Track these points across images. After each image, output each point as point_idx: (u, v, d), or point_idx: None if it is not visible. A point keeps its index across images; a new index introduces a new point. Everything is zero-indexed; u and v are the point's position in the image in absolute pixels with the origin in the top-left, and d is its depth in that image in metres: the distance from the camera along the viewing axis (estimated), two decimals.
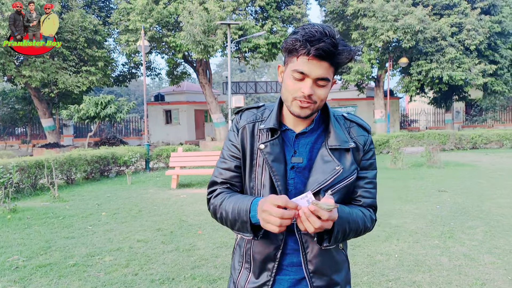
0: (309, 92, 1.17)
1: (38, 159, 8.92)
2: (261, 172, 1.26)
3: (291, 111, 1.23)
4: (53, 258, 4.24)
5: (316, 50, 1.13)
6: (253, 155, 1.29)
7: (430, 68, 20.90)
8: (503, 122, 29.76)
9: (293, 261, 1.26)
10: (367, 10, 20.17)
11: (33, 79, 17.71)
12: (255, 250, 1.27)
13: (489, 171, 10.20)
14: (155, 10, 18.54)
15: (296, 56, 1.17)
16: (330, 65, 1.18)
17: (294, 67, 1.18)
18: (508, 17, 21.91)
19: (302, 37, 1.14)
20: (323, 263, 1.24)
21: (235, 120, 1.37)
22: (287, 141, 1.28)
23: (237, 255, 1.35)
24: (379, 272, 3.70)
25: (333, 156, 1.23)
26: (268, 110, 1.34)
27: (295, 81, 1.19)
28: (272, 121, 1.28)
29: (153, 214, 6.37)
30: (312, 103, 1.20)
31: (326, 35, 1.14)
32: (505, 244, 4.38)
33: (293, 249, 1.25)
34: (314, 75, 1.17)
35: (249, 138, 1.30)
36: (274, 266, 1.25)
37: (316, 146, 1.28)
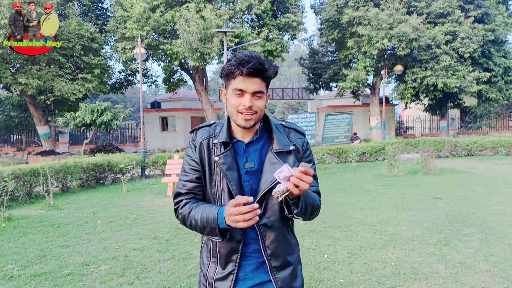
0: (249, 104, 1.43)
1: (33, 167, 8.87)
2: (220, 180, 1.49)
3: (238, 124, 1.47)
4: (48, 267, 4.21)
5: (247, 69, 1.41)
6: (211, 166, 1.51)
7: (425, 75, 21.06)
8: (497, 129, 29.96)
9: (255, 248, 1.49)
10: (362, 18, 20.35)
11: (29, 86, 17.67)
12: (220, 246, 1.49)
13: (484, 178, 10.25)
14: (152, 18, 18.60)
15: (233, 78, 1.45)
16: (262, 80, 1.45)
17: (234, 86, 1.45)
18: (501, 26, 22.18)
19: (235, 62, 1.43)
20: (279, 247, 1.50)
21: (192, 138, 1.59)
22: (238, 151, 1.52)
23: (205, 251, 1.57)
24: (376, 281, 3.69)
25: (278, 158, 1.48)
26: (219, 126, 1.57)
27: (236, 98, 1.45)
28: (224, 135, 1.51)
29: (149, 222, 6.34)
30: (253, 114, 1.45)
31: (253, 57, 1.42)
32: (500, 251, 4.40)
33: (253, 238, 1.49)
34: (250, 90, 1.44)
35: (206, 152, 1.52)
36: (237, 256, 1.48)
37: (264, 151, 1.53)
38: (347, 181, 10.43)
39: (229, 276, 1.48)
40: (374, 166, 14.02)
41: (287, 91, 35.54)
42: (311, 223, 5.80)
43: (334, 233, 5.32)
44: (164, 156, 13.01)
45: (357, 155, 15.45)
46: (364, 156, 16.14)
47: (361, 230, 5.45)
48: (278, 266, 1.50)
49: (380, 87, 23.89)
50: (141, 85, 16.56)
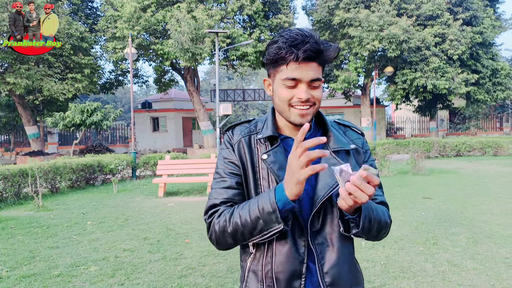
0: (306, 96, 1.14)
1: (21, 167, 8.78)
2: (268, 185, 1.18)
3: (291, 120, 1.19)
4: (37, 269, 4.17)
5: (304, 52, 1.11)
6: (255, 168, 1.21)
7: (414, 77, 21.31)
8: (485, 130, 30.41)
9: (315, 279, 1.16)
10: (353, 20, 20.51)
11: (17, 86, 17.45)
12: (278, 270, 1.15)
13: (472, 178, 10.40)
14: (143, 18, 18.52)
15: (285, 64, 1.14)
16: (319, 64, 1.17)
17: (285, 75, 1.14)
18: (489, 28, 22.53)
19: (285, 44, 1.12)
20: (341, 274, 1.16)
21: (227, 137, 1.29)
22: (288, 149, 1.19)
23: (254, 282, 1.19)
24: (365, 279, 3.71)
25: (338, 159, 1.20)
26: (261, 122, 1.29)
27: (288, 89, 1.16)
28: (270, 129, 1.22)
29: (139, 222, 6.31)
30: (311, 106, 1.18)
31: (307, 36, 1.13)
32: (487, 250, 4.48)
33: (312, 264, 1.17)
34: (307, 78, 1.14)
35: (247, 151, 1.23)
36: (301, 283, 1.14)
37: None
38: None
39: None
40: None
41: None
42: None
43: None
44: (155, 156, 12.96)
45: None
46: None
47: None
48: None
49: (371, 88, 24.10)
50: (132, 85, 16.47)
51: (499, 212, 6.32)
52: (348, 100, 26.12)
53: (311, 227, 1.15)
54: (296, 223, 1.14)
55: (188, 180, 9.81)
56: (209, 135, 22.11)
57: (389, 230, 1.26)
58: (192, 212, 7.01)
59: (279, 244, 1.15)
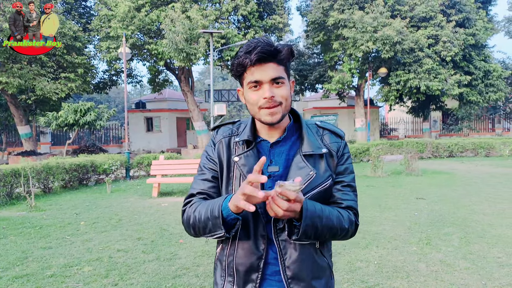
0: (269, 94, 1.22)
1: (14, 167, 8.70)
2: (239, 184, 1.28)
3: (263, 120, 1.27)
4: (30, 269, 4.14)
5: (256, 54, 1.21)
6: (230, 167, 1.32)
7: (408, 78, 21.45)
8: (478, 131, 30.69)
9: (275, 270, 1.26)
10: (348, 21, 20.61)
11: (9, 85, 17.29)
12: (238, 262, 1.27)
13: (464, 178, 10.48)
14: (137, 18, 18.44)
15: (245, 71, 1.26)
16: (277, 64, 1.25)
17: (248, 80, 1.25)
18: (481, 30, 22.75)
19: (242, 52, 1.24)
20: (302, 269, 1.24)
21: (212, 135, 1.43)
22: (262, 152, 1.31)
23: (219, 270, 1.34)
24: (359, 279, 3.76)
25: (307, 162, 1.26)
26: (243, 124, 1.40)
27: (255, 92, 1.26)
28: (246, 133, 1.33)
29: (133, 223, 6.29)
30: (278, 105, 1.24)
31: (260, 41, 1.23)
32: (479, 250, 4.52)
33: (274, 258, 1.26)
34: (267, 78, 1.23)
35: (225, 151, 1.35)
36: (258, 276, 1.26)
37: (291, 153, 1.31)
38: None
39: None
40: (358, 167, 14.19)
41: None
42: None
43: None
44: (149, 157, 12.90)
45: None
46: None
47: None
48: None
49: (365, 89, 24.22)
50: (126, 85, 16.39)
51: (491, 213, 6.39)
52: (342, 101, 26.22)
53: (275, 225, 1.24)
54: (260, 222, 1.24)
55: (182, 181, 9.78)
56: (203, 135, 22.07)
57: (351, 233, 1.31)
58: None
59: (242, 240, 1.27)
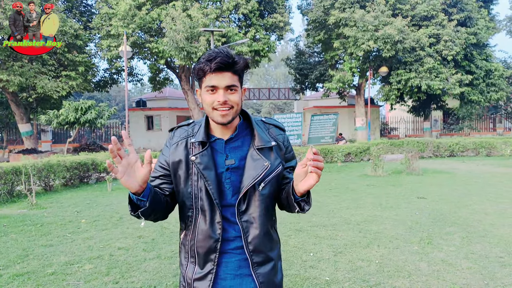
0: (223, 99, 1.42)
1: (15, 165, 8.70)
2: (197, 179, 1.47)
3: (215, 120, 1.46)
4: (31, 267, 4.14)
5: (215, 64, 1.40)
6: (188, 165, 1.49)
7: (409, 77, 21.40)
8: (478, 130, 30.64)
9: (237, 245, 1.48)
10: (349, 20, 20.56)
11: (10, 83, 17.29)
12: (198, 245, 1.47)
13: (465, 178, 10.47)
14: (138, 16, 18.41)
15: (204, 76, 1.44)
16: (233, 73, 1.44)
17: (206, 84, 1.44)
18: (483, 29, 22.68)
19: (203, 59, 1.43)
20: (261, 243, 1.48)
21: (169, 137, 1.58)
22: (218, 149, 1.51)
23: (183, 252, 1.55)
24: (360, 278, 3.75)
25: (260, 155, 1.48)
26: (198, 125, 1.56)
27: (210, 95, 1.44)
28: (201, 135, 1.50)
29: (134, 221, 6.28)
30: (230, 109, 1.44)
31: (220, 52, 1.41)
32: (481, 249, 4.51)
33: (235, 236, 1.48)
34: (222, 85, 1.42)
35: (183, 152, 1.50)
36: (216, 256, 1.46)
37: (244, 148, 1.52)
38: (332, 181, 10.52)
39: (208, 276, 1.46)
40: (359, 166, 14.18)
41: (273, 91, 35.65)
42: (297, 222, 5.84)
43: (319, 232, 5.37)
44: None
45: (342, 155, 15.60)
46: (349, 157, 16.30)
47: (346, 229, 5.51)
48: (259, 261, 1.49)
49: (366, 88, 24.18)
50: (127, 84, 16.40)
51: (492, 212, 6.37)
52: (342, 100, 26.18)
53: (238, 208, 1.46)
54: (215, 210, 1.45)
55: None
56: None
57: None
58: None
59: (201, 226, 1.47)
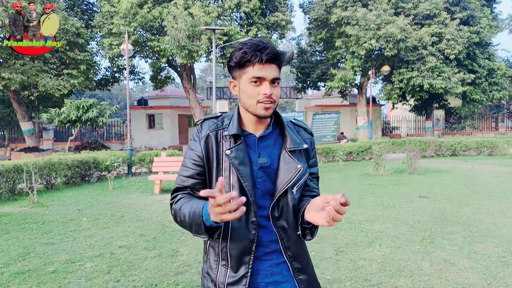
0: (270, 92, 1.35)
1: (16, 163, 8.70)
2: (229, 175, 1.38)
3: (257, 114, 1.37)
4: (32, 265, 4.13)
5: (267, 55, 1.33)
6: (219, 160, 1.40)
7: (411, 76, 21.33)
8: (481, 130, 30.55)
9: (268, 251, 1.40)
10: (351, 18, 20.50)
11: (12, 81, 17.30)
12: (231, 247, 1.38)
13: (468, 177, 10.43)
14: (139, 14, 18.39)
15: (251, 65, 1.35)
16: (277, 66, 1.39)
17: (251, 75, 1.35)
18: (485, 28, 22.59)
19: (250, 49, 1.33)
20: (298, 250, 1.45)
21: (196, 130, 1.48)
22: (250, 144, 1.42)
23: (212, 255, 1.45)
24: (362, 277, 3.73)
25: (293, 157, 1.42)
26: (227, 118, 1.47)
27: (255, 87, 1.36)
28: (235, 127, 1.41)
29: (135, 219, 6.28)
30: (273, 103, 1.37)
31: (267, 43, 1.36)
32: (483, 249, 4.49)
33: (268, 241, 1.40)
34: (269, 77, 1.36)
35: (214, 145, 1.42)
36: (250, 258, 1.38)
37: (276, 148, 1.45)
38: (334, 180, 10.50)
39: (242, 280, 1.37)
40: (360, 165, 14.15)
41: None
42: None
43: (320, 231, 5.31)
44: (151, 154, 12.90)
45: (344, 154, 15.57)
46: (351, 156, 16.28)
47: (347, 228, 5.49)
48: (299, 268, 1.44)
49: (367, 87, 24.12)
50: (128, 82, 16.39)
51: (495, 211, 6.35)
52: (344, 99, 26.12)
53: (272, 213, 1.39)
54: (251, 210, 1.36)
55: None
56: None
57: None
58: None
59: (234, 227, 1.37)
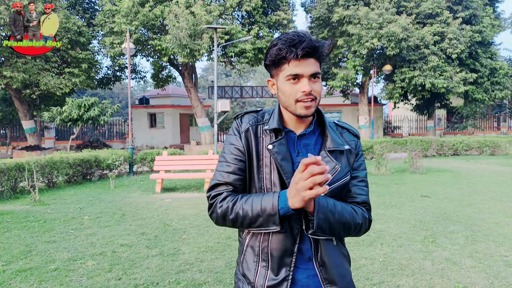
0: (309, 89, 1.26)
1: (18, 162, 8.72)
2: (269, 172, 1.31)
3: (297, 113, 1.30)
4: (34, 263, 4.14)
5: (302, 50, 1.24)
6: (259, 156, 1.34)
7: (413, 75, 21.30)
8: (482, 129, 30.47)
9: (305, 259, 1.31)
10: (352, 17, 20.47)
11: (14, 80, 17.33)
12: (273, 247, 1.30)
13: (469, 177, 10.41)
14: (141, 13, 18.39)
15: (287, 62, 1.27)
16: (316, 60, 1.29)
17: (288, 73, 1.27)
18: (488, 27, 22.53)
19: (284, 45, 1.25)
20: (331, 258, 1.31)
21: (236, 124, 1.41)
22: (290, 142, 1.35)
23: (251, 255, 1.35)
24: (364, 276, 3.72)
25: (331, 157, 1.33)
26: (267, 114, 1.41)
27: (292, 85, 1.28)
28: (276, 122, 1.34)
29: (137, 218, 6.28)
30: (314, 100, 1.29)
31: (303, 35, 1.26)
32: (485, 248, 4.47)
33: (304, 247, 1.31)
34: (307, 73, 1.27)
35: (253, 139, 1.35)
36: (292, 260, 1.30)
37: (316, 147, 1.37)
38: None
39: (283, 283, 1.28)
40: None
41: None
42: None
43: None
44: (153, 152, 12.90)
45: None
46: None
47: None
48: (329, 279, 1.31)
49: (369, 86, 24.09)
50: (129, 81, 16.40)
51: (497, 211, 6.33)
52: (346, 98, 26.10)
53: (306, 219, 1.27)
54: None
55: (186, 176, 9.77)
56: (206, 132, 22.05)
57: (364, 229, 1.37)
58: (190, 208, 6.98)
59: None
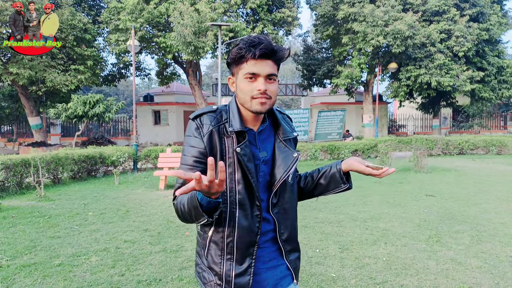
0: (264, 88, 1.35)
1: (24, 158, 8.76)
2: (233, 172, 1.38)
3: (253, 109, 1.38)
4: (38, 258, 4.16)
5: (260, 50, 1.33)
6: (223, 157, 1.38)
7: (419, 73, 21.14)
8: (489, 128, 30.24)
9: (268, 238, 1.46)
10: (358, 14, 20.34)
11: (20, 76, 17.41)
12: (238, 241, 1.39)
13: (475, 176, 10.33)
14: (146, 10, 18.41)
15: (245, 61, 1.36)
16: (274, 62, 1.39)
17: (246, 71, 1.36)
18: (495, 25, 22.31)
19: (245, 45, 1.35)
20: (290, 233, 1.50)
21: (195, 125, 1.41)
22: (251, 140, 1.43)
23: (215, 250, 1.42)
24: (367, 275, 3.70)
25: (288, 146, 1.47)
26: (225, 112, 1.44)
27: (249, 83, 1.37)
28: (238, 123, 1.39)
29: (140, 214, 6.30)
30: (268, 99, 1.37)
31: (263, 39, 1.36)
32: (491, 248, 4.44)
33: (266, 230, 1.44)
34: (264, 73, 1.36)
35: (218, 141, 1.39)
36: (254, 249, 1.41)
37: (271, 139, 1.48)
38: None
39: (248, 270, 1.41)
40: None
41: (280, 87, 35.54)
42: (303, 218, 5.81)
43: (325, 228, 5.33)
44: (157, 149, 12.92)
45: (349, 152, 15.50)
46: (356, 153, 16.19)
47: (352, 225, 5.46)
48: (289, 249, 1.51)
49: (374, 84, 23.96)
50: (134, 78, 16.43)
51: (503, 211, 6.28)
52: (350, 97, 25.98)
53: (271, 201, 1.43)
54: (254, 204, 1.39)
55: None
56: None
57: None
58: None
59: (240, 220, 1.38)
